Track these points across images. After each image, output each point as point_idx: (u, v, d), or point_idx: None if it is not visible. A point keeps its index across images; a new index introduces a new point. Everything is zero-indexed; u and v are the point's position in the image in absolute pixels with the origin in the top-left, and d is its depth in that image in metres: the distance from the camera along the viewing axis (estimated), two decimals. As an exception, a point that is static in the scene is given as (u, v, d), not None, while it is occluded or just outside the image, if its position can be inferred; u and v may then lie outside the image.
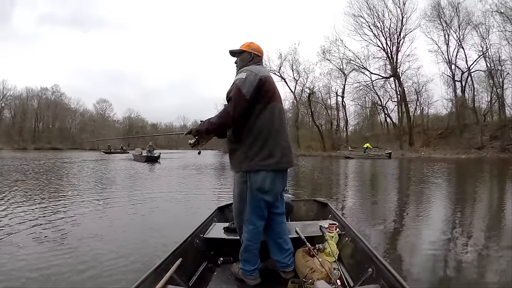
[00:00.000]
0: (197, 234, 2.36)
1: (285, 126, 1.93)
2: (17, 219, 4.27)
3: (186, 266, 1.97)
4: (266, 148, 1.77)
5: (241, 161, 1.83)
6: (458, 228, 4.01)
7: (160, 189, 7.44)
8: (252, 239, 1.87)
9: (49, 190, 7.00)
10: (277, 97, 1.87)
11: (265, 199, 1.83)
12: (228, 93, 1.78)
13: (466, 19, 32.11)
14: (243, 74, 1.77)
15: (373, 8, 36.40)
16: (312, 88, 40.54)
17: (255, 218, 1.86)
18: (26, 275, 2.52)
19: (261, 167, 1.77)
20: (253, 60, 1.98)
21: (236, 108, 1.72)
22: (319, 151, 36.69)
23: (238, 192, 1.88)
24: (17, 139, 58.15)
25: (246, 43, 2.04)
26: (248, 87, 1.72)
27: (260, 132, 1.78)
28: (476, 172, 12.99)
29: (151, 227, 4.02)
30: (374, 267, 1.67)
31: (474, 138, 29.86)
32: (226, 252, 2.31)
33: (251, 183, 1.80)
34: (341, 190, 7.42)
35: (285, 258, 1.99)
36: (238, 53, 2.03)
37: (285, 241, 2.02)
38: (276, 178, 1.84)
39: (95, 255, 2.96)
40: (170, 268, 1.76)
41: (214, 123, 1.79)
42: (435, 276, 2.56)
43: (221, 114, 1.78)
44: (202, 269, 2.13)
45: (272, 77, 1.94)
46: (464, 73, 33.72)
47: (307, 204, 3.37)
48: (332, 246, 2.04)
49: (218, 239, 2.38)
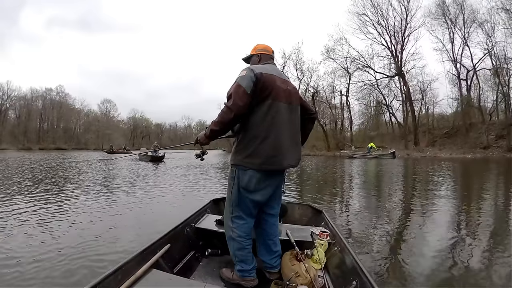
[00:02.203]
0: (188, 222, 2.39)
1: (289, 126, 1.83)
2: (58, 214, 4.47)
3: (173, 253, 2.00)
4: (252, 146, 1.73)
5: (232, 154, 1.85)
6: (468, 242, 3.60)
7: (168, 187, 7.45)
8: (243, 235, 1.84)
9: (68, 187, 7.06)
10: (278, 95, 1.79)
11: (251, 198, 1.80)
12: (228, 91, 1.76)
13: (471, 16, 32.04)
14: (244, 72, 1.76)
15: (377, 6, 36.46)
16: (316, 87, 40.55)
17: (244, 214, 1.84)
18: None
19: (247, 165, 1.75)
20: (262, 60, 1.99)
21: (236, 103, 1.68)
22: (323, 150, 36.64)
23: (228, 188, 1.88)
24: (22, 139, 58.71)
25: (253, 47, 2.07)
26: (247, 82, 1.70)
27: (250, 129, 1.75)
28: (486, 173, 12.80)
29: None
30: (358, 281, 1.64)
31: (480, 137, 29.67)
32: (215, 244, 2.34)
33: (239, 180, 1.80)
34: (334, 193, 7.28)
35: (272, 260, 1.99)
36: (249, 58, 2.08)
37: (274, 243, 2.01)
38: (264, 178, 1.79)
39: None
40: (157, 252, 1.80)
41: (217, 122, 1.75)
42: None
43: (221, 112, 1.74)
44: (189, 257, 2.15)
45: (277, 74, 1.86)
46: (470, 72, 33.63)
47: (302, 208, 3.34)
48: (321, 253, 2.04)
49: (208, 230, 2.40)
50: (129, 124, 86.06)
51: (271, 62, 1.99)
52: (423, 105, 37.04)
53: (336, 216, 4.70)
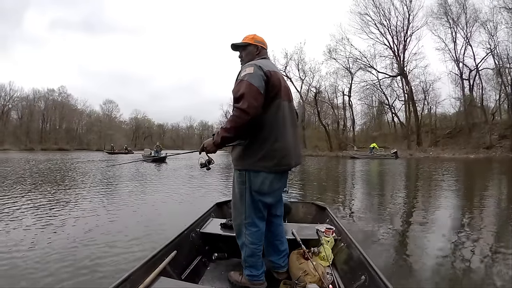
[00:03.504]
0: (193, 228, 2.39)
1: (291, 124, 1.80)
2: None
3: (180, 259, 1.99)
4: (266, 148, 1.66)
5: (239, 158, 1.74)
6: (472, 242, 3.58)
7: (170, 187, 7.49)
8: (257, 242, 1.80)
9: (78, 187, 7.10)
10: (284, 94, 1.75)
11: (264, 201, 1.77)
12: (236, 91, 1.61)
13: (473, 16, 31.83)
14: (250, 68, 1.64)
15: (379, 6, 36.31)
16: (318, 88, 40.60)
17: (257, 220, 1.79)
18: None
19: (260, 168, 1.68)
20: (260, 54, 1.87)
21: (251, 104, 1.55)
22: (325, 151, 36.65)
23: (238, 193, 1.80)
24: (24, 140, 58.77)
25: (249, 36, 1.91)
26: (259, 82, 1.60)
27: (261, 130, 1.66)
28: (489, 173, 12.78)
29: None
30: (367, 275, 1.65)
31: (482, 137, 29.55)
32: (221, 248, 2.34)
33: (250, 184, 1.72)
34: (337, 192, 7.29)
35: (279, 259, 1.98)
36: (243, 46, 1.90)
37: (281, 243, 2.00)
38: (276, 180, 1.76)
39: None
40: (164, 259, 1.79)
41: (230, 128, 1.60)
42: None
43: (233, 116, 1.58)
44: (196, 263, 2.14)
45: (279, 71, 1.82)
46: (472, 71, 33.43)
47: (306, 206, 3.35)
48: (327, 250, 2.04)
49: (214, 234, 2.40)
50: (131, 124, 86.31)
51: (267, 57, 1.91)
52: (426, 105, 37.00)
53: (341, 214, 4.72)
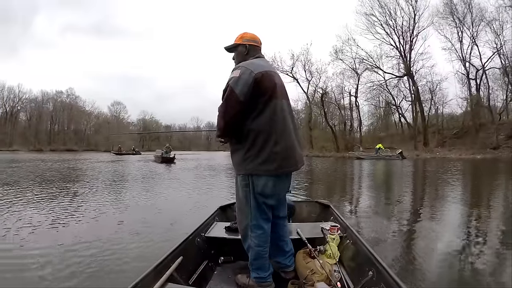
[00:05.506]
0: (198, 232, 2.37)
1: (290, 125, 1.76)
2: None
3: (187, 265, 1.97)
4: (265, 151, 1.65)
5: (241, 163, 1.73)
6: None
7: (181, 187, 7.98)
8: (262, 244, 1.80)
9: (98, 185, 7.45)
10: (279, 94, 1.71)
11: (268, 203, 1.78)
12: (222, 95, 1.66)
13: (479, 15, 31.56)
14: (237, 71, 1.64)
15: (385, 6, 36.07)
16: (325, 88, 40.42)
17: (262, 222, 1.79)
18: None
19: (262, 172, 1.68)
20: (250, 53, 1.83)
21: (228, 111, 1.62)
22: (332, 152, 36.60)
23: (242, 196, 1.79)
24: (33, 141, 59.67)
25: (239, 35, 1.88)
26: (242, 87, 1.59)
27: (259, 134, 1.64)
28: (496, 174, 12.79)
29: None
30: (374, 270, 1.66)
31: (489, 137, 29.34)
32: (227, 251, 2.33)
33: (254, 187, 1.72)
34: (343, 193, 7.42)
35: (286, 259, 1.98)
36: (233, 47, 1.88)
37: (286, 243, 2.01)
38: (279, 182, 1.76)
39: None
40: (170, 266, 1.78)
41: (218, 129, 1.72)
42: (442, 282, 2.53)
43: (217, 116, 1.68)
44: (203, 268, 2.13)
45: (273, 70, 1.79)
46: (479, 71, 33.14)
47: (309, 205, 3.35)
48: (333, 248, 2.05)
49: (219, 238, 2.40)
50: (139, 126, 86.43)
51: (260, 55, 1.86)
52: (433, 105, 36.69)
53: (347, 213, 4.83)
